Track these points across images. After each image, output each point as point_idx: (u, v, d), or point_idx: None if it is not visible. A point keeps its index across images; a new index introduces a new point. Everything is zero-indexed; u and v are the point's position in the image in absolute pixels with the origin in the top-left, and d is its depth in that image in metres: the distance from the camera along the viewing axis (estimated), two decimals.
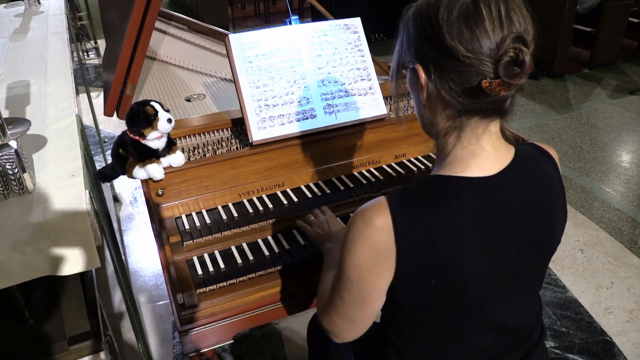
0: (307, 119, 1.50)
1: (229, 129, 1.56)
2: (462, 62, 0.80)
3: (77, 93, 2.02)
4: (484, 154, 0.89)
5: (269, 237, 1.40)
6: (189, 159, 1.43)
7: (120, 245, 2.72)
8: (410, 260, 0.86)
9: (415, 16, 0.87)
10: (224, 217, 1.40)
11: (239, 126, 1.56)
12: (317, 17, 5.73)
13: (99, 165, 3.23)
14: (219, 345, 1.23)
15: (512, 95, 0.86)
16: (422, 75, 0.86)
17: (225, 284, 1.25)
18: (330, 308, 0.99)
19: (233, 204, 1.45)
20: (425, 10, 0.84)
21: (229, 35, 1.48)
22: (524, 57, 0.78)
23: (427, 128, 0.97)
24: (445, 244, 0.85)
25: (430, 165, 1.64)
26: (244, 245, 1.37)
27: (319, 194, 1.50)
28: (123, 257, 2.55)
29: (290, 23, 1.71)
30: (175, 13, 2.78)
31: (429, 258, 0.85)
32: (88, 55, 5.93)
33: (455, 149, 0.90)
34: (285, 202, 1.46)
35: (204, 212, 1.42)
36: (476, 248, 0.87)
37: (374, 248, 0.86)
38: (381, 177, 1.58)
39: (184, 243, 1.31)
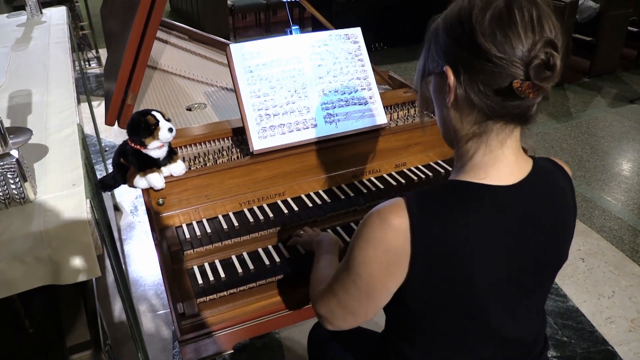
0: (307, 128, 1.51)
1: (229, 138, 1.57)
2: (493, 62, 0.80)
3: (79, 102, 2.03)
4: (505, 162, 0.89)
5: (270, 247, 1.40)
6: (189, 168, 1.43)
7: (120, 254, 2.72)
8: (423, 262, 0.86)
9: (445, 21, 0.88)
10: (225, 226, 1.40)
11: (239, 135, 1.56)
12: (318, 27, 5.76)
13: (100, 174, 3.24)
14: (219, 355, 1.23)
15: (538, 102, 0.86)
16: (451, 77, 0.86)
17: (225, 293, 1.25)
18: (330, 296, 0.99)
19: (234, 213, 1.46)
20: (457, 13, 0.85)
21: (230, 45, 1.49)
22: (555, 61, 0.79)
23: (449, 134, 0.96)
24: (460, 249, 0.85)
25: (430, 174, 1.64)
26: (245, 254, 1.37)
27: (320, 202, 1.51)
28: (123, 266, 2.54)
29: (291, 33, 1.72)
30: (176, 23, 2.79)
31: (442, 262, 0.85)
32: (89, 65, 5.95)
33: (476, 155, 0.90)
34: (285, 211, 1.46)
35: (204, 221, 1.42)
36: (489, 256, 0.87)
37: (388, 248, 0.86)
38: (382, 186, 1.58)
39: (185, 252, 1.31)
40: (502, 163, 0.89)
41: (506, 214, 0.88)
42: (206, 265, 1.33)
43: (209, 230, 1.38)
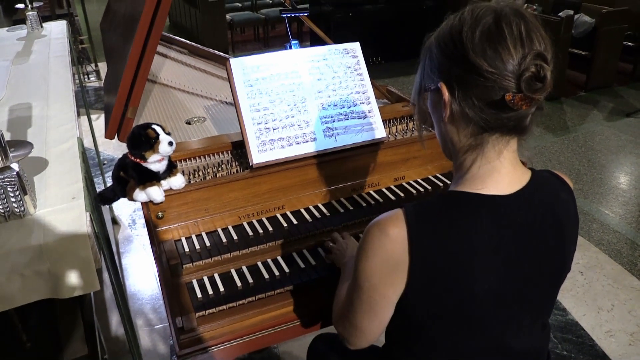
0: (307, 142, 1.51)
1: (229, 152, 1.57)
2: (485, 77, 0.82)
3: (78, 115, 2.04)
4: (502, 172, 0.90)
5: (269, 260, 1.40)
6: (189, 182, 1.43)
7: (118, 267, 2.71)
8: (422, 272, 0.87)
9: (438, 39, 0.90)
10: (224, 239, 1.39)
11: (239, 149, 1.57)
12: (316, 41, 5.79)
13: (98, 187, 3.23)
14: None
15: (532, 113, 0.87)
16: (446, 93, 0.88)
17: (224, 307, 1.24)
18: (343, 314, 1.03)
19: (233, 227, 1.45)
20: (448, 31, 0.87)
21: (230, 59, 1.50)
22: (545, 73, 0.81)
23: (447, 147, 0.98)
24: (458, 259, 0.86)
25: (429, 188, 1.64)
26: (244, 268, 1.36)
27: (319, 216, 1.51)
28: (121, 279, 2.53)
29: (290, 47, 1.73)
30: (176, 37, 2.81)
31: (440, 272, 0.86)
32: (89, 78, 5.97)
33: (474, 166, 0.91)
34: (285, 224, 1.46)
35: (203, 234, 1.42)
36: (488, 265, 0.87)
37: (387, 258, 0.88)
38: (381, 200, 1.58)
39: (184, 266, 1.31)
40: (499, 173, 0.90)
41: (504, 223, 0.88)
42: (205, 279, 1.32)
43: (208, 244, 1.38)
